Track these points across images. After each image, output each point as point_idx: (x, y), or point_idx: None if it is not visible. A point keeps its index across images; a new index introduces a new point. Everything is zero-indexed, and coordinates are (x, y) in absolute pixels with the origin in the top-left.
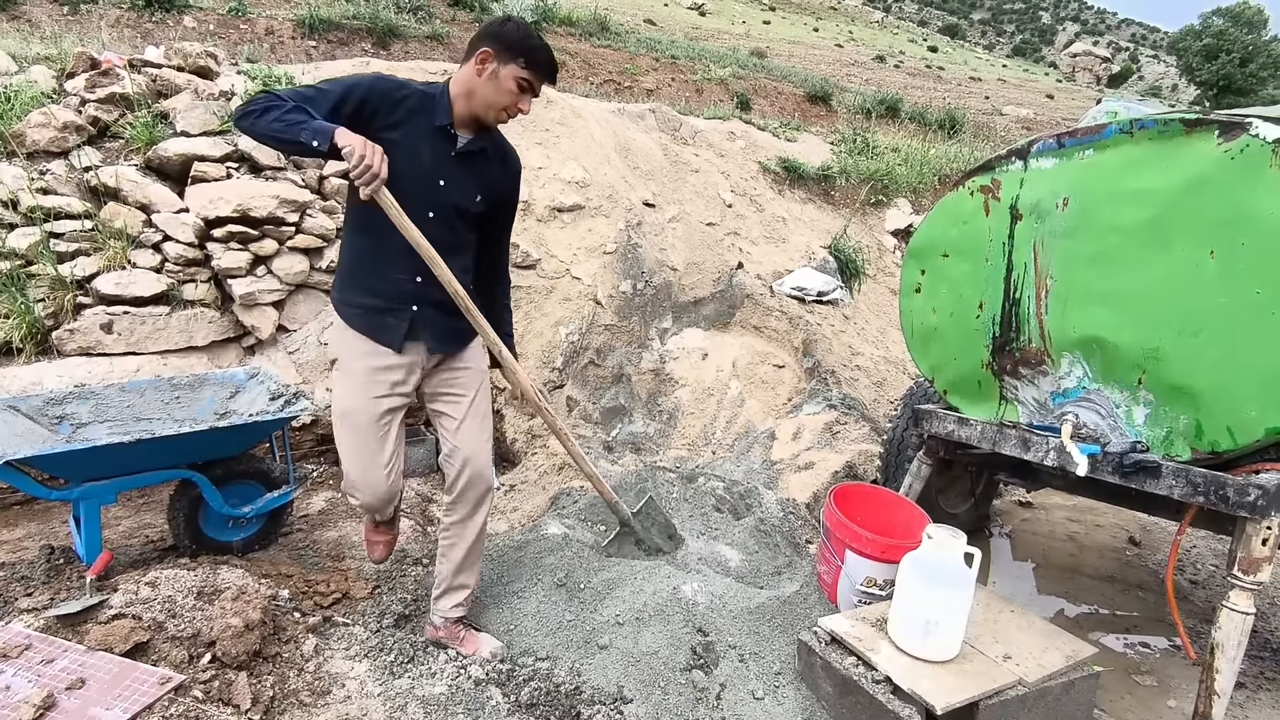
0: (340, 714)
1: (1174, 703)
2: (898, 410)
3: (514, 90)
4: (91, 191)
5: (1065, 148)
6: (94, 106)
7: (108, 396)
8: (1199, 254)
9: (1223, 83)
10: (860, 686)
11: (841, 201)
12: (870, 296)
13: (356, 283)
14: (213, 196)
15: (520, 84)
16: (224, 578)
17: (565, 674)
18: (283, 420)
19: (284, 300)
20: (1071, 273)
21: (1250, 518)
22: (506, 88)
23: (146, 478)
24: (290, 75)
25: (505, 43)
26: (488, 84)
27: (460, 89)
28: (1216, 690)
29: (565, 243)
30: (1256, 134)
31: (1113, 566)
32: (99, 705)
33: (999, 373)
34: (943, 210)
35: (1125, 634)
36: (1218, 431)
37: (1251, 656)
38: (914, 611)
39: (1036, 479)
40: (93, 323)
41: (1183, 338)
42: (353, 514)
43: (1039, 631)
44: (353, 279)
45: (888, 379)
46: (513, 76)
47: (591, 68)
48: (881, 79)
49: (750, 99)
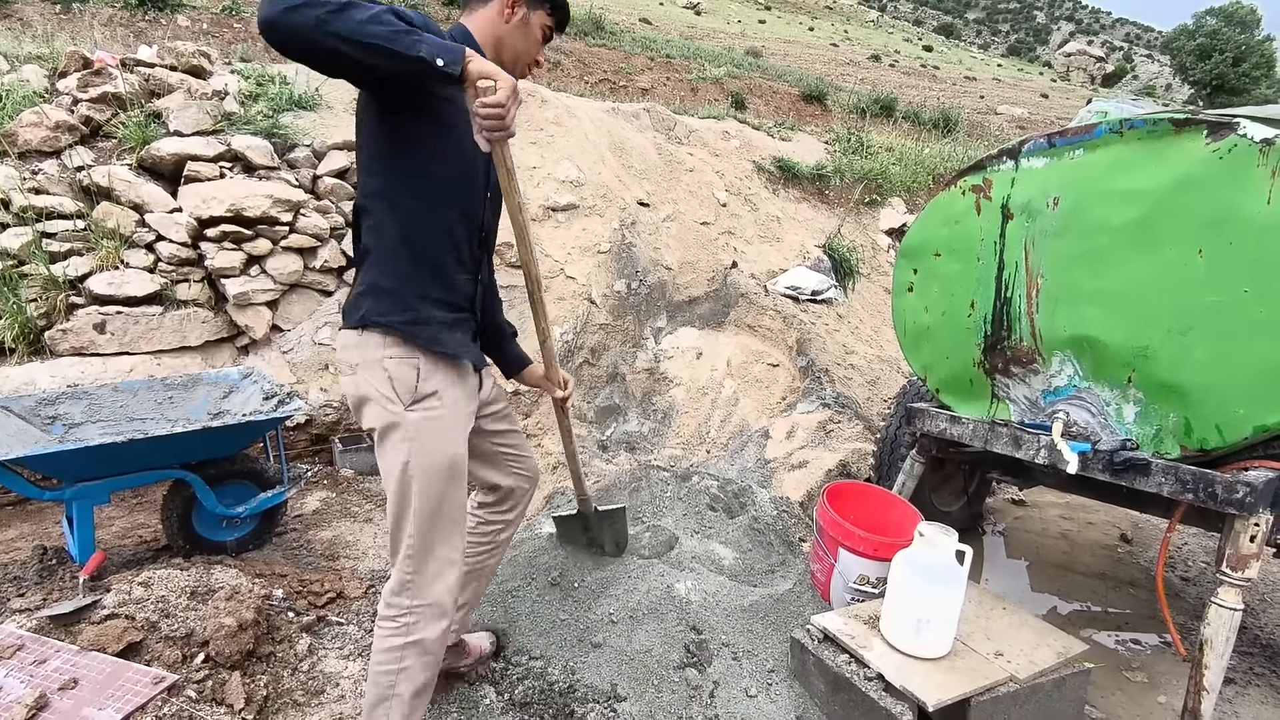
0: (334, 713)
1: (1164, 699)
2: (891, 409)
3: (539, 40)
4: (84, 191)
5: (1056, 147)
6: (86, 106)
7: (101, 397)
8: (1188, 253)
9: (1216, 82)
10: (853, 684)
11: (836, 201)
12: (864, 295)
13: (423, 290)
14: (206, 196)
15: (545, 32)
16: (217, 578)
17: (559, 672)
18: (277, 420)
19: (278, 300)
20: (1062, 272)
21: (1238, 515)
22: (535, 36)
23: (140, 478)
24: (285, 76)
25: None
26: (517, 31)
27: (487, 38)
28: (1205, 686)
29: (560, 242)
30: (1244, 134)
31: (1105, 564)
32: (92, 705)
33: (991, 371)
34: (935, 210)
35: (1117, 631)
36: (1206, 429)
37: (1241, 653)
38: (906, 609)
39: (1029, 477)
40: (86, 323)
41: (1172, 336)
42: (348, 513)
43: (1031, 629)
44: (417, 285)
45: (881, 378)
46: (540, 24)
47: (586, 67)
48: (876, 78)
49: (745, 98)
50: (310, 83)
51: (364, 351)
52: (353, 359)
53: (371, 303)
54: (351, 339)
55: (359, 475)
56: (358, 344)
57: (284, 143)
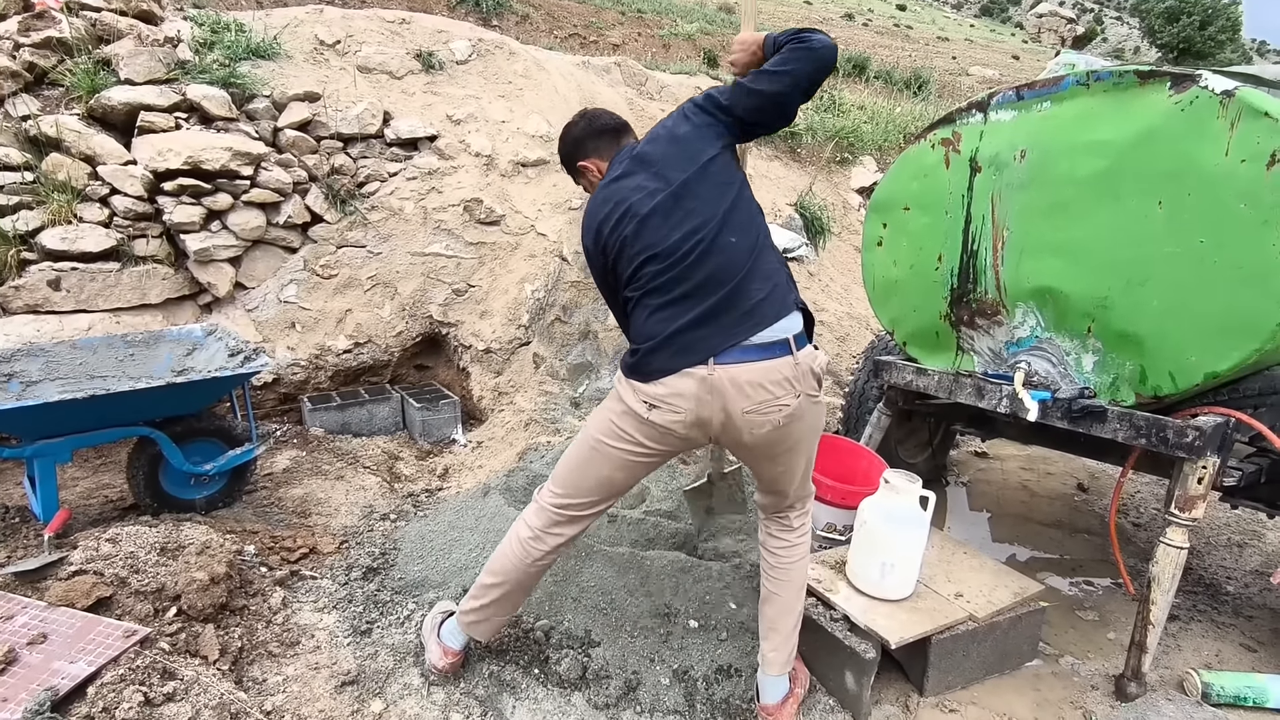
0: (310, 664)
1: (1113, 635)
2: (859, 364)
3: None
4: (31, 142)
5: (1024, 100)
6: (29, 51)
7: (59, 354)
8: (1148, 205)
9: (1183, 45)
10: (820, 625)
11: (808, 159)
12: (835, 254)
13: None
14: (161, 148)
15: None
16: (187, 534)
17: (534, 619)
18: (243, 376)
19: (241, 257)
20: (1027, 224)
21: (1188, 458)
22: None
23: (103, 435)
24: (240, 22)
25: None
26: None
27: None
28: (1152, 620)
29: (530, 198)
30: (1206, 86)
31: (1062, 512)
32: (62, 659)
33: (956, 324)
34: (905, 164)
35: (1071, 575)
36: (1160, 376)
37: (1186, 592)
38: (872, 553)
39: (991, 429)
40: (39, 279)
41: (1130, 287)
42: (318, 472)
43: (990, 571)
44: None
45: (850, 334)
46: None
47: (556, 21)
48: (849, 37)
49: (717, 55)
50: (268, 30)
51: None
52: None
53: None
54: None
55: (329, 434)
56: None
57: (242, 93)
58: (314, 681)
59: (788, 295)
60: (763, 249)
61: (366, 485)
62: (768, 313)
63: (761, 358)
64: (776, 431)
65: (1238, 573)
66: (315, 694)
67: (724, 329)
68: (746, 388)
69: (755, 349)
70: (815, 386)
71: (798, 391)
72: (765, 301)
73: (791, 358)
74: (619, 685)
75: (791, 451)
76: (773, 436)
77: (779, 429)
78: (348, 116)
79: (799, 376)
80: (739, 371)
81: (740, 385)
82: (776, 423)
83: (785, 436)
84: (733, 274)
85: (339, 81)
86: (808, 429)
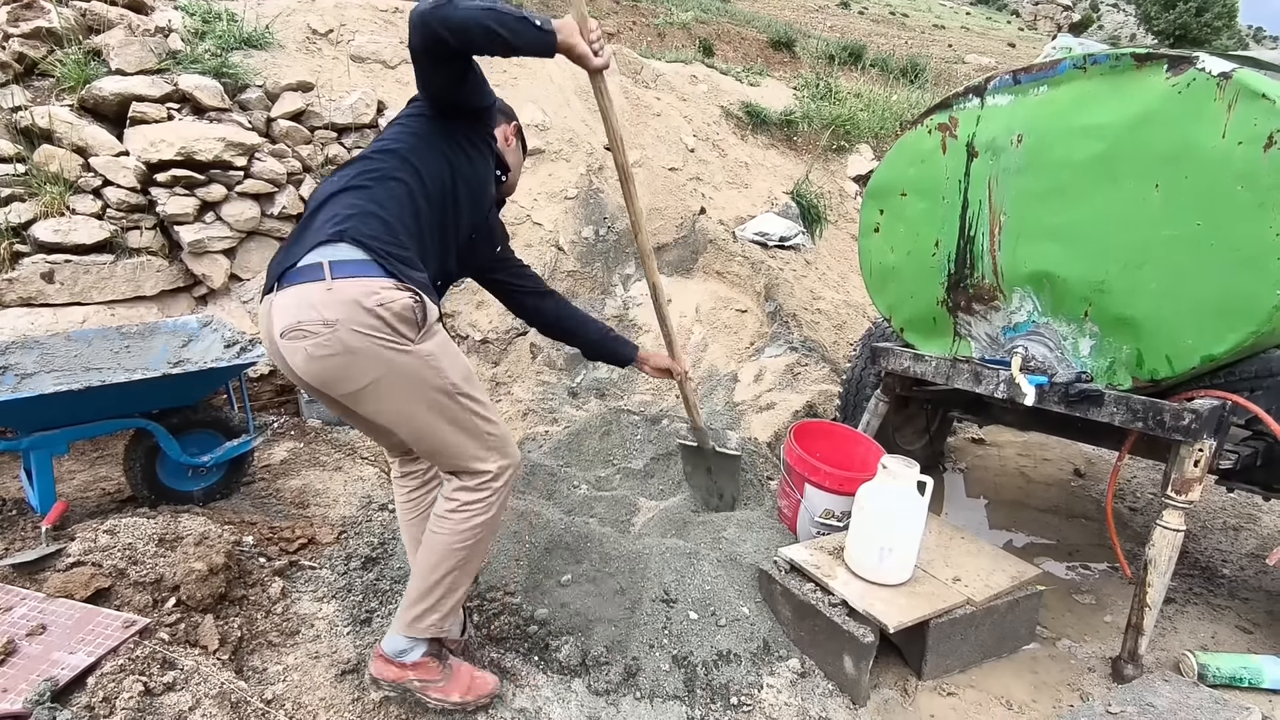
0: (310, 653)
1: (1110, 618)
2: (857, 351)
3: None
4: (23, 133)
5: (1021, 84)
6: (19, 42)
7: (53, 346)
8: (1145, 188)
9: (1179, 32)
10: (818, 610)
11: (804, 147)
12: (831, 242)
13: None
14: (154, 139)
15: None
16: (185, 525)
17: (532, 606)
18: (239, 367)
19: (235, 248)
20: (1024, 209)
21: (1184, 441)
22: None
23: (99, 427)
24: (231, 12)
25: None
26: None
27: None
28: (1148, 603)
29: (525, 188)
30: (1203, 68)
31: (1059, 498)
32: (62, 649)
33: (953, 309)
34: (901, 149)
35: (1068, 559)
36: (1157, 360)
37: (1182, 575)
38: (869, 539)
39: (988, 415)
40: (32, 272)
41: (1128, 270)
42: (316, 463)
43: (987, 556)
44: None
45: (848, 322)
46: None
47: (550, 9)
48: (846, 25)
49: (713, 44)
50: (260, 19)
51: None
52: (328, 315)
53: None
54: (316, 293)
55: (326, 425)
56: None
57: (234, 83)
58: (314, 670)
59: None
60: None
61: (365, 476)
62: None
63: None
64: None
65: (1233, 555)
66: (315, 682)
67: None
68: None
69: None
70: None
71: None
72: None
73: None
74: (619, 671)
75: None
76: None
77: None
78: (341, 106)
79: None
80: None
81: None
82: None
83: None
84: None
85: (332, 71)
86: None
